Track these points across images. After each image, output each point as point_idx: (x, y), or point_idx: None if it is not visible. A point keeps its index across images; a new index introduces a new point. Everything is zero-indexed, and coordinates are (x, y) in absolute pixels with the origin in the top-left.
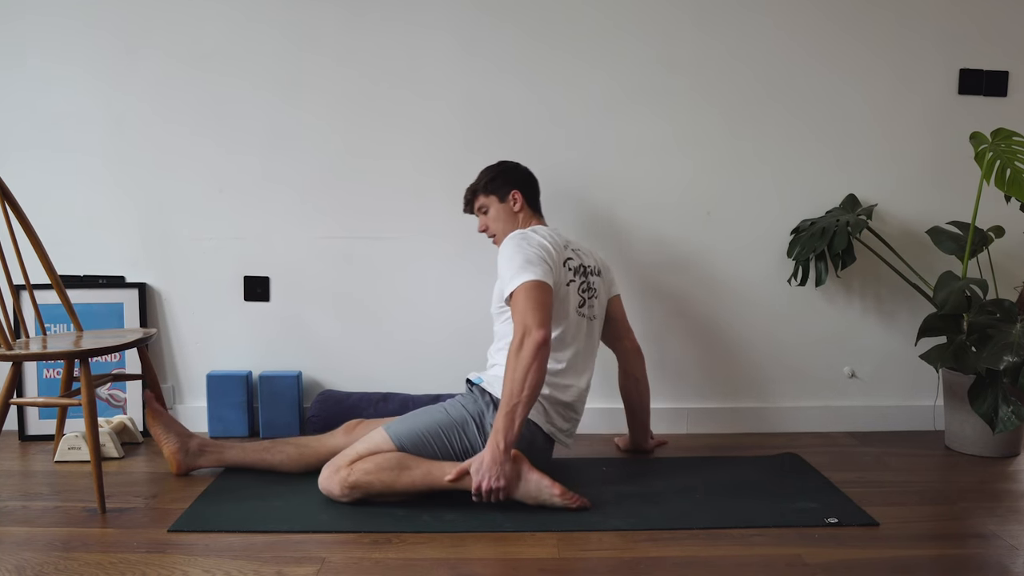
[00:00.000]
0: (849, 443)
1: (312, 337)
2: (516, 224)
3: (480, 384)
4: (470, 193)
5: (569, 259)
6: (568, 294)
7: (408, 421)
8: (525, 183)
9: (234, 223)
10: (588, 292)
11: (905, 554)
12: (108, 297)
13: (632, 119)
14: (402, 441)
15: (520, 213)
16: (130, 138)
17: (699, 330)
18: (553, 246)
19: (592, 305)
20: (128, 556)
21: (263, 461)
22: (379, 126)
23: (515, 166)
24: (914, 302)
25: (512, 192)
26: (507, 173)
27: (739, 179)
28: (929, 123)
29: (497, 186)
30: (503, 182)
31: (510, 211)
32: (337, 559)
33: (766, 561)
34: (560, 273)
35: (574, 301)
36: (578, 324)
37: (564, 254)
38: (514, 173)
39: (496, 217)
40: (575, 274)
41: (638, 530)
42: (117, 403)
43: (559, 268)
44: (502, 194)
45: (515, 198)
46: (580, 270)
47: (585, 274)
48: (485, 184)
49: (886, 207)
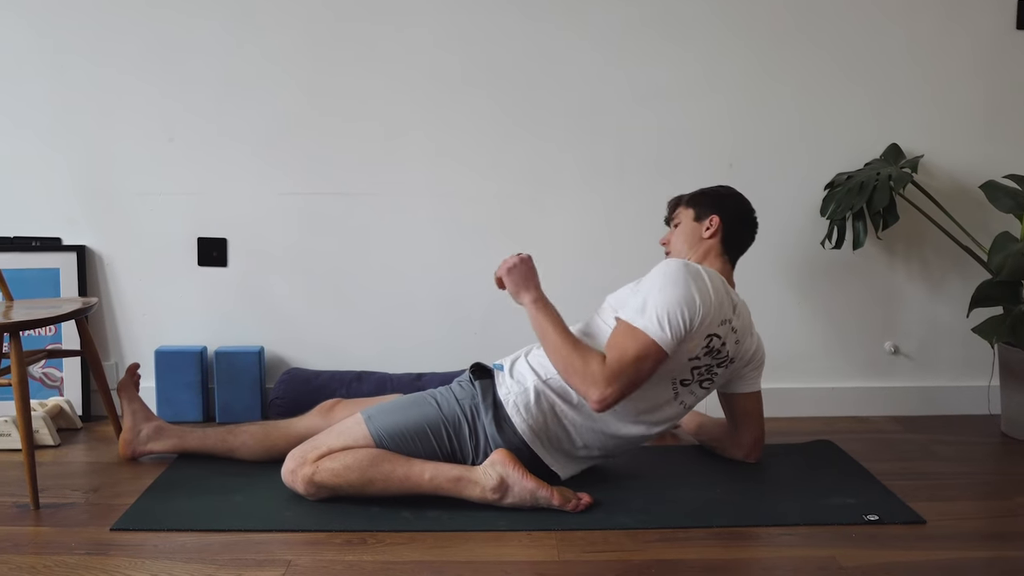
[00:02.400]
0: (891, 429)
1: (276, 308)
2: (697, 252)
3: (500, 372)
4: (675, 201)
5: (717, 336)
6: (679, 367)
7: (392, 414)
8: (733, 218)
9: (186, 177)
10: (703, 375)
11: (955, 556)
12: (42, 262)
13: (642, 56)
14: (382, 439)
15: (708, 242)
16: (67, 80)
17: None
18: (716, 306)
19: (695, 393)
20: (65, 559)
21: (224, 443)
22: (349, 63)
23: (735, 197)
24: (966, 267)
25: (712, 216)
26: (719, 196)
27: (765, 127)
28: (982, 62)
29: (700, 202)
30: (708, 202)
31: (698, 234)
32: (305, 562)
33: (795, 564)
34: (693, 343)
35: (680, 375)
36: (663, 393)
37: (720, 323)
38: (726, 200)
39: (681, 233)
40: (711, 355)
41: (649, 529)
42: (52, 383)
43: (698, 337)
44: (700, 212)
45: (711, 223)
46: (718, 354)
47: (717, 359)
48: (691, 196)
49: (933, 159)
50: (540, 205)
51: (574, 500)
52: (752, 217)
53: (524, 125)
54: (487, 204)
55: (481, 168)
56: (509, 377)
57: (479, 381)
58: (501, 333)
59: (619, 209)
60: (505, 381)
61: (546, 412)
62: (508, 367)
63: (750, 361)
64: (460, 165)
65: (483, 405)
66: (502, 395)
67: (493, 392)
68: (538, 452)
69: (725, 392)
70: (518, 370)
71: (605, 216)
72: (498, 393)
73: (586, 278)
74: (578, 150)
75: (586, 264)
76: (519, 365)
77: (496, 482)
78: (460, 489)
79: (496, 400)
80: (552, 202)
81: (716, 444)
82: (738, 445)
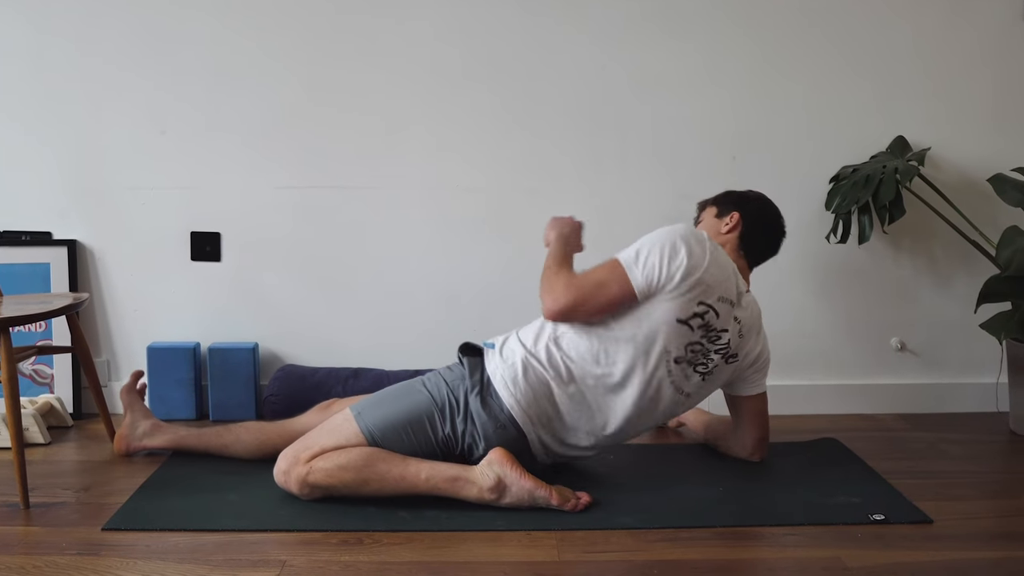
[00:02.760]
0: (898, 427)
1: (270, 303)
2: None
3: (490, 350)
4: (703, 203)
5: (713, 309)
6: (668, 330)
7: (380, 406)
8: (754, 219)
9: (179, 170)
10: (698, 358)
11: (962, 557)
12: (32, 256)
13: (643, 46)
14: (372, 434)
15: (725, 236)
16: (57, 71)
17: None
18: (711, 276)
19: (690, 378)
20: (56, 559)
21: (219, 439)
22: (347, 55)
23: (761, 200)
24: (974, 262)
25: (732, 212)
26: (743, 197)
27: (768, 119)
28: (990, 53)
29: (724, 199)
30: (732, 200)
31: (717, 229)
32: (300, 562)
33: (800, 565)
34: (684, 301)
35: (674, 349)
36: (656, 382)
37: (717, 299)
38: (750, 203)
39: (703, 227)
40: (704, 330)
41: (651, 528)
42: (43, 380)
43: (685, 297)
44: (723, 209)
45: (731, 219)
46: (712, 332)
47: (712, 339)
48: (716, 196)
49: (940, 151)
50: (540, 198)
51: (573, 499)
52: (777, 223)
53: (524, 118)
54: (486, 198)
55: (480, 162)
56: (499, 356)
57: (467, 358)
58: (500, 328)
59: (619, 203)
60: (494, 359)
61: (535, 387)
62: (499, 346)
63: (754, 363)
64: (459, 158)
65: (470, 382)
66: (491, 370)
67: (481, 369)
68: (525, 430)
69: (730, 393)
70: (508, 347)
71: (605, 210)
72: (487, 369)
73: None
74: (578, 143)
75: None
76: (510, 342)
77: (493, 482)
78: (457, 489)
79: (484, 377)
80: (552, 195)
81: (720, 443)
82: (742, 444)
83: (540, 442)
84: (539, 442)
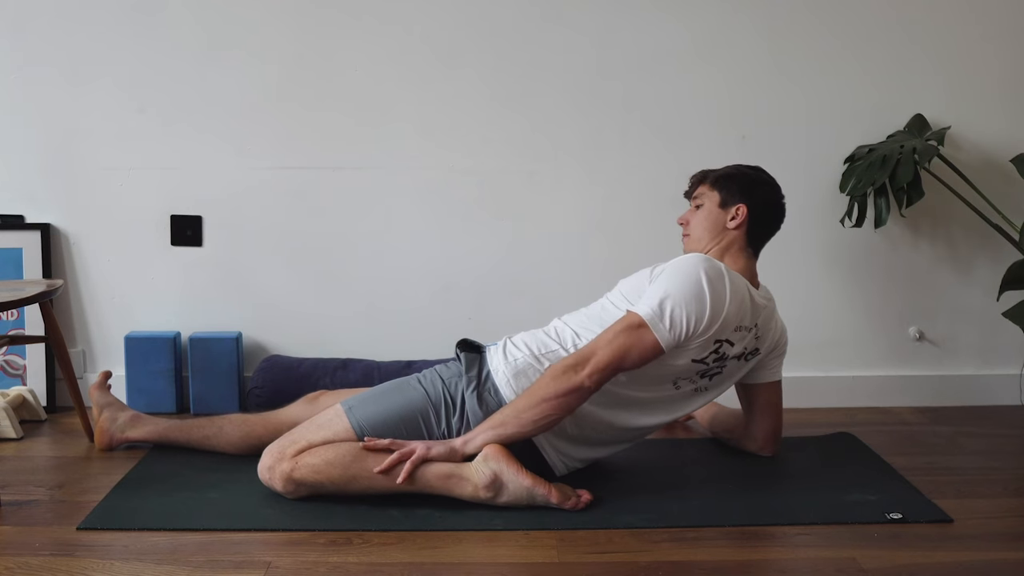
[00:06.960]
0: (916, 420)
1: (255, 290)
2: (719, 243)
3: (492, 347)
4: (700, 176)
5: (728, 341)
6: (685, 368)
7: (373, 402)
8: (761, 210)
9: (159, 150)
10: (713, 371)
11: (984, 557)
12: (3, 241)
13: (647, 18)
14: (364, 430)
15: (732, 233)
16: (29, 44)
17: None
18: (733, 313)
19: (705, 387)
20: (28, 560)
21: (202, 431)
22: (336, 26)
23: (767, 185)
24: (996, 247)
25: (739, 205)
26: (750, 183)
27: (780, 96)
28: (1015, 26)
29: (728, 186)
30: (737, 188)
31: (722, 222)
32: (285, 563)
33: (813, 566)
34: (703, 342)
35: (683, 378)
36: (667, 393)
37: (734, 329)
38: (757, 189)
39: (703, 219)
40: (716, 355)
41: (656, 528)
42: (15, 371)
43: (706, 342)
44: (727, 198)
45: (738, 213)
46: (726, 358)
47: (725, 358)
48: (718, 177)
49: (961, 130)
50: (538, 179)
51: (574, 498)
52: (781, 205)
53: (521, 95)
54: (481, 180)
55: (475, 142)
56: (501, 354)
57: (465, 354)
58: (494, 317)
59: (622, 182)
60: (496, 356)
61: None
62: (502, 345)
63: (773, 349)
64: (452, 139)
65: (467, 378)
66: (492, 367)
67: (480, 365)
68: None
69: (743, 381)
70: (512, 347)
71: (608, 189)
72: (487, 367)
73: (586, 254)
74: (579, 122)
75: (587, 240)
76: (515, 343)
77: (489, 479)
78: (451, 487)
79: (482, 374)
80: (551, 176)
81: (730, 436)
82: (753, 437)
83: (545, 443)
84: (544, 444)
